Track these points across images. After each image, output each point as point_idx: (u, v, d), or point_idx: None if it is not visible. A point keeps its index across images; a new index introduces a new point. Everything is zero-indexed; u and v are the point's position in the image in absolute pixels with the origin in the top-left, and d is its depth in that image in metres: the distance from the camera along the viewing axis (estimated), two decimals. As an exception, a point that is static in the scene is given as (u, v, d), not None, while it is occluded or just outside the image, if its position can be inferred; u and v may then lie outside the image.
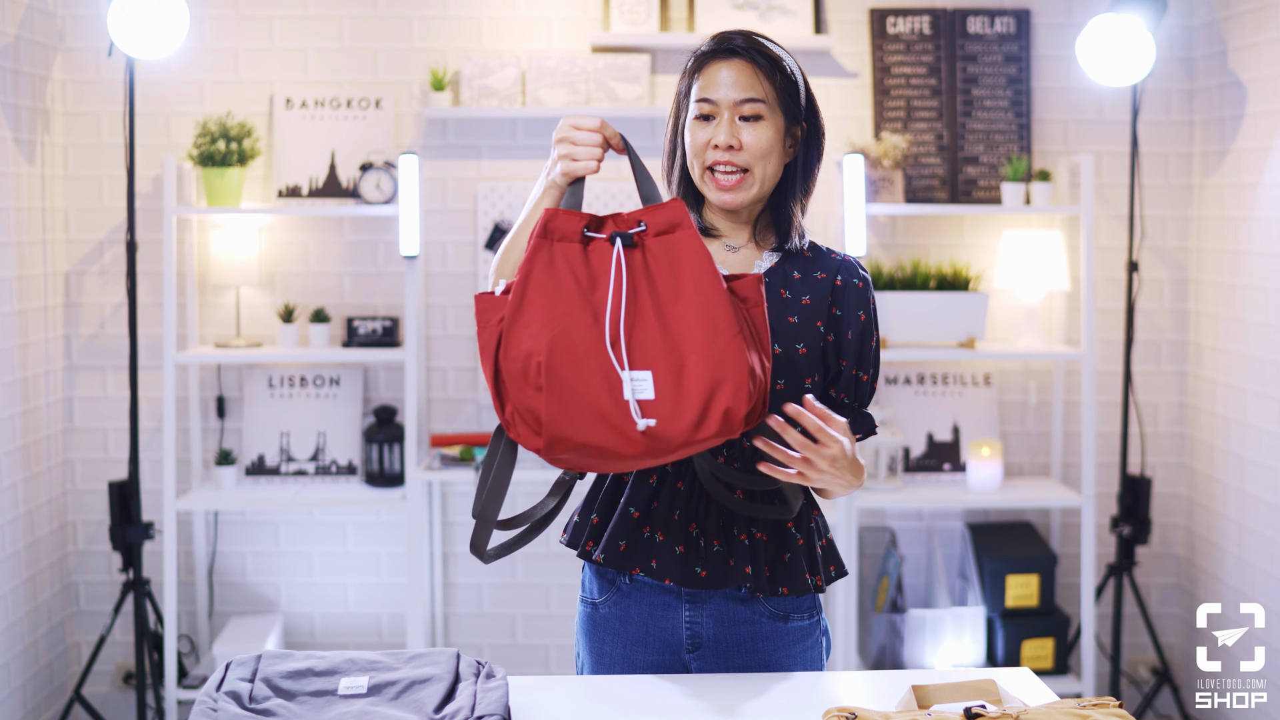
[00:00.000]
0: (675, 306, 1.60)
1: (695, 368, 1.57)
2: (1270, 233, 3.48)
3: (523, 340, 1.59)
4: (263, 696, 1.58)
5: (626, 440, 1.58)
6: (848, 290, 1.87)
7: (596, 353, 1.58)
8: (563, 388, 1.57)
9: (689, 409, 1.56)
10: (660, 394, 1.57)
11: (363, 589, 3.94)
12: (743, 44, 1.83)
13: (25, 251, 3.57)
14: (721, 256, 1.89)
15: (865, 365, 1.88)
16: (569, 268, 1.62)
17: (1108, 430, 3.93)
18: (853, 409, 1.88)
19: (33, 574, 3.61)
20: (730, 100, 1.81)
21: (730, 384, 1.57)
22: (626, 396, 1.57)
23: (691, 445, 1.59)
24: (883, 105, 3.84)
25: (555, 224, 1.64)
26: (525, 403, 1.59)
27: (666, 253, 1.62)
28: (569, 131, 1.71)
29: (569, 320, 1.59)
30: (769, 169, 1.84)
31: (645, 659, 1.89)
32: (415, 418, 3.64)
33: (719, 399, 1.56)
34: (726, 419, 1.57)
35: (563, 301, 1.60)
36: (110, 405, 3.84)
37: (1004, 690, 1.59)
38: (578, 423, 1.57)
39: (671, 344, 1.59)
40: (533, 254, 1.62)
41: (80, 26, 3.77)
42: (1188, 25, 3.87)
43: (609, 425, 1.57)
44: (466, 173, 3.87)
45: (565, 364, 1.57)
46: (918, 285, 3.70)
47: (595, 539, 1.89)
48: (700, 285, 1.60)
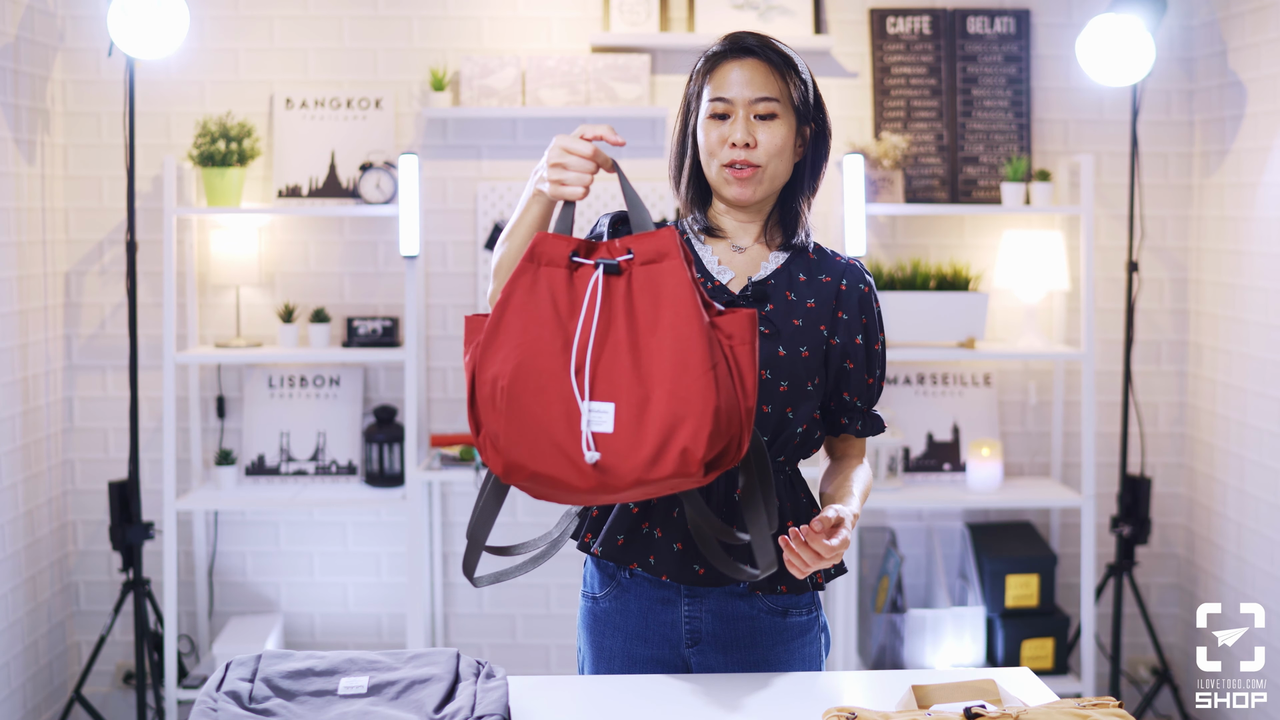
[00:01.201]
0: (651, 338, 1.57)
1: (658, 403, 1.54)
2: (1270, 233, 3.48)
3: (493, 363, 1.58)
4: (263, 696, 1.58)
5: (578, 472, 1.55)
6: (852, 294, 1.89)
7: (560, 381, 1.56)
8: (521, 414, 1.55)
9: (645, 446, 1.53)
10: (619, 428, 1.54)
11: (363, 589, 3.94)
12: (756, 44, 1.84)
13: (25, 251, 3.57)
14: (728, 256, 1.90)
15: (873, 368, 1.91)
16: (550, 294, 1.60)
17: (1108, 430, 3.93)
18: (863, 411, 1.92)
19: (33, 574, 3.61)
20: (745, 99, 1.82)
21: (691, 423, 1.53)
22: (582, 428, 1.54)
23: (645, 485, 1.55)
24: (883, 105, 3.84)
25: (543, 249, 1.62)
26: (492, 426, 1.57)
27: (650, 282, 1.59)
28: (560, 155, 1.68)
29: (537, 346, 1.57)
30: (781, 167, 1.85)
31: (645, 653, 1.90)
32: (415, 418, 3.64)
33: (677, 438, 1.53)
34: (683, 459, 1.53)
35: (535, 327, 1.58)
36: (110, 405, 3.84)
37: (1004, 690, 1.59)
38: (532, 450, 1.55)
39: (641, 376, 1.56)
40: (516, 277, 1.60)
41: (80, 26, 3.77)
42: (1188, 25, 3.87)
43: (563, 456, 1.55)
44: (466, 173, 3.87)
45: (527, 390, 1.55)
46: (918, 285, 3.70)
47: (594, 532, 1.91)
48: (677, 318, 1.57)
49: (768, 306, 1.85)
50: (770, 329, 1.83)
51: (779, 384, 1.83)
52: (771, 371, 1.83)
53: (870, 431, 1.93)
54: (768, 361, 1.83)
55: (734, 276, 1.89)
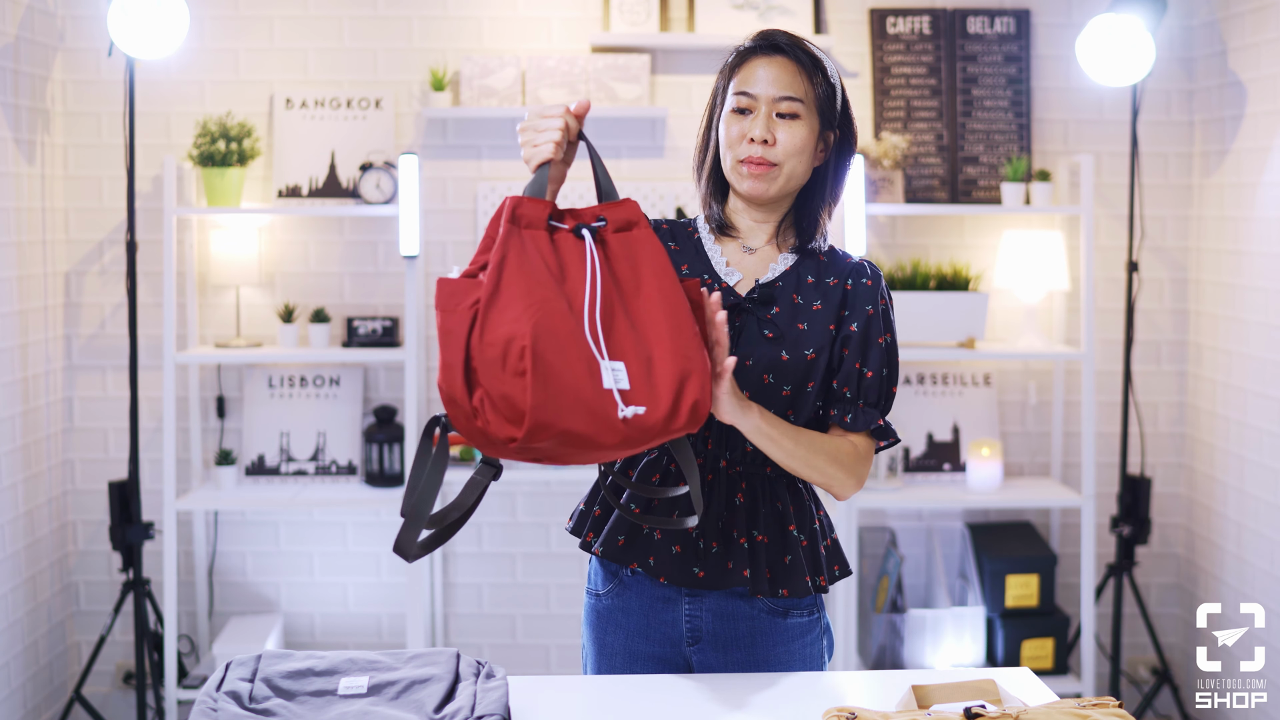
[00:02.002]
0: (637, 301, 1.62)
1: (662, 361, 1.58)
2: (1270, 233, 3.48)
3: (501, 325, 1.55)
4: (263, 696, 1.58)
5: (609, 428, 1.56)
6: (857, 290, 1.87)
7: (577, 341, 1.56)
8: (548, 373, 1.53)
9: (663, 400, 1.57)
10: (634, 385, 1.58)
11: (363, 589, 3.94)
12: (786, 42, 1.84)
13: (25, 251, 3.57)
14: (737, 257, 1.90)
15: (870, 361, 1.85)
16: (540, 255, 1.60)
17: (1108, 430, 3.93)
18: (853, 402, 1.86)
19: (33, 574, 3.61)
20: (769, 96, 1.82)
21: (697, 378, 1.58)
22: (608, 385, 1.56)
23: (664, 435, 1.59)
24: (883, 105, 3.84)
25: (523, 210, 1.61)
26: (501, 389, 1.53)
27: (625, 249, 1.64)
28: (532, 120, 1.70)
29: (549, 306, 1.56)
30: (799, 168, 1.84)
31: (646, 651, 1.91)
32: (415, 418, 3.64)
33: (688, 392, 1.58)
34: (694, 412, 1.58)
35: (540, 288, 1.57)
36: (110, 405, 3.84)
37: (1004, 690, 1.59)
38: (562, 409, 1.54)
39: (638, 337, 1.60)
40: (505, 239, 1.59)
41: (80, 26, 3.77)
42: (1188, 25, 3.87)
43: (591, 413, 1.55)
44: (466, 173, 3.87)
45: (550, 350, 1.54)
46: (918, 285, 3.70)
47: (596, 530, 1.92)
48: (661, 282, 1.62)
49: (773, 309, 1.84)
50: (774, 333, 1.83)
51: (781, 388, 1.83)
52: (774, 375, 1.82)
53: (859, 426, 1.85)
54: (770, 365, 1.82)
55: (741, 279, 1.88)
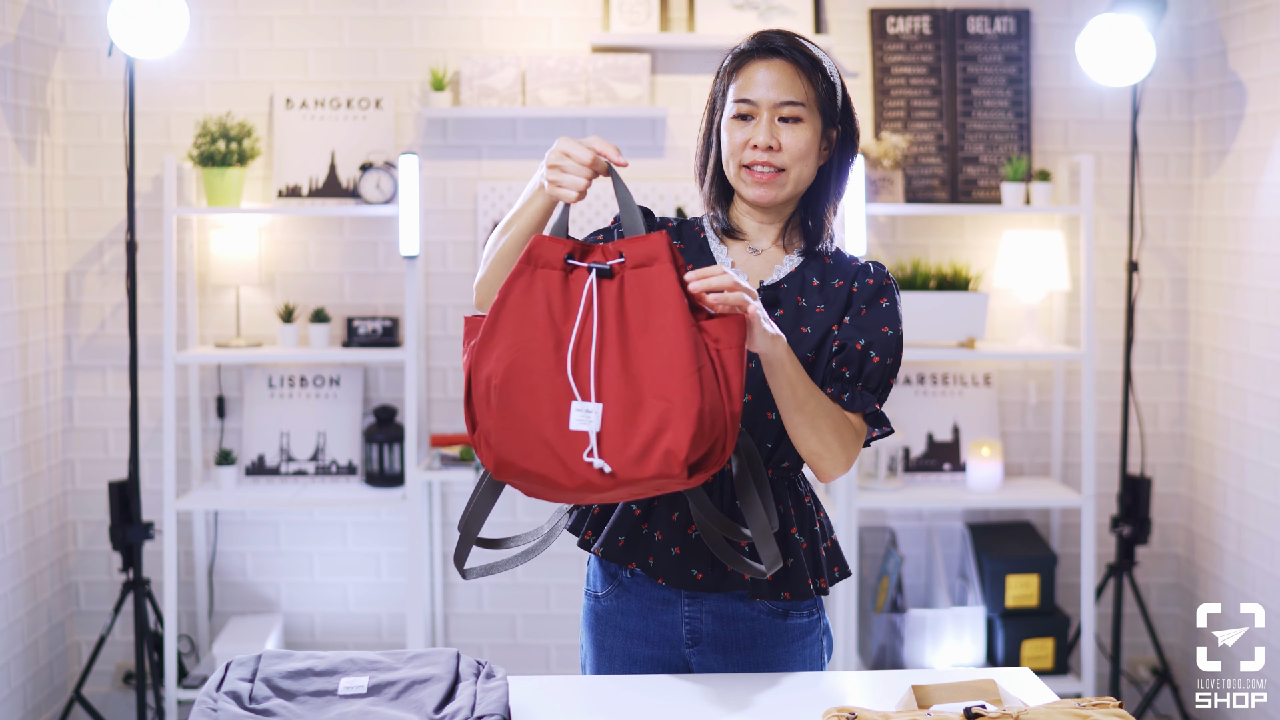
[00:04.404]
0: (641, 341, 1.59)
1: (647, 405, 1.56)
2: (1270, 233, 3.48)
3: (487, 362, 1.60)
4: (263, 696, 1.58)
5: (567, 471, 1.58)
6: (862, 291, 1.85)
7: (551, 381, 1.58)
8: (511, 411, 1.58)
9: (630, 446, 1.55)
10: (606, 429, 1.57)
11: (363, 589, 3.94)
12: (783, 44, 1.82)
13: (25, 251, 3.57)
14: (743, 259, 1.89)
15: (872, 341, 1.81)
16: (545, 295, 1.61)
17: (1108, 430, 3.93)
18: (854, 385, 1.81)
19: (33, 574, 3.61)
20: (770, 101, 1.80)
21: (676, 425, 1.54)
22: (573, 427, 1.57)
23: (629, 485, 1.57)
24: (883, 105, 3.84)
25: (539, 251, 1.63)
26: (485, 424, 1.60)
27: (640, 286, 1.61)
28: (559, 158, 1.70)
29: (530, 346, 1.59)
30: (805, 171, 1.83)
31: (645, 652, 1.90)
32: (415, 418, 3.64)
33: (662, 439, 1.55)
34: (666, 460, 1.54)
35: (529, 328, 1.60)
36: (110, 405, 3.84)
37: (1004, 690, 1.59)
38: (522, 448, 1.59)
39: (630, 378, 1.58)
40: (513, 279, 1.62)
41: (80, 26, 3.77)
42: (1188, 25, 3.87)
43: (552, 454, 1.58)
44: (466, 173, 3.87)
45: (518, 388, 1.58)
46: (918, 285, 3.70)
47: (595, 530, 1.91)
48: (664, 321, 1.59)
49: (778, 312, 1.84)
50: None
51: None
52: None
53: (856, 407, 1.79)
54: None
55: (746, 280, 1.88)
